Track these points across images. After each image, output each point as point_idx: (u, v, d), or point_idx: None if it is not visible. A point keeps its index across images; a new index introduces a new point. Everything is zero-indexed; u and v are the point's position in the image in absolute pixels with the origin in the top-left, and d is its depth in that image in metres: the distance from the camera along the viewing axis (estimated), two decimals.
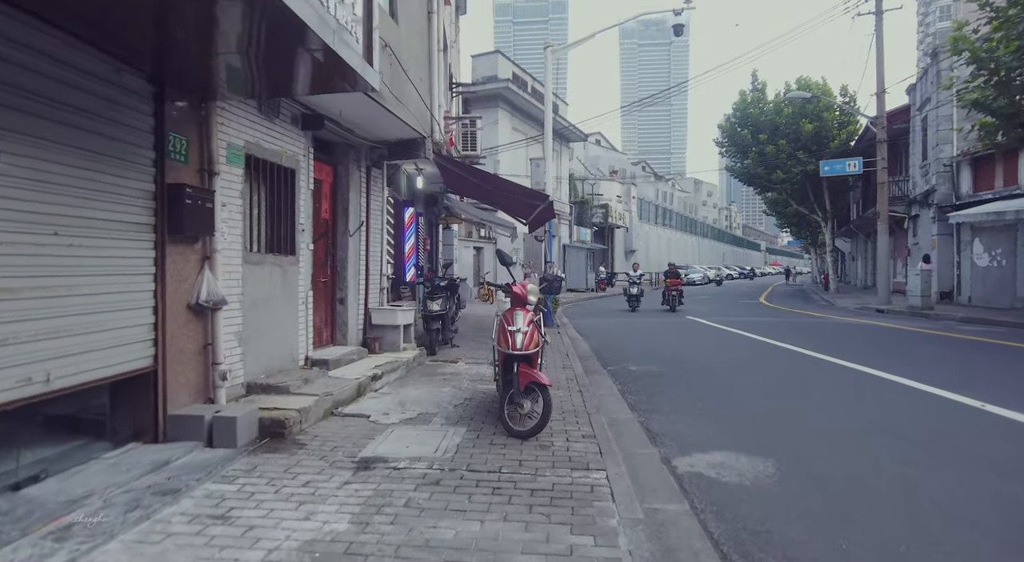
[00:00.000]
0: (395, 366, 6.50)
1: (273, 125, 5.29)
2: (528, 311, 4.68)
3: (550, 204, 8.66)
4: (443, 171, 9.00)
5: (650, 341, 11.12)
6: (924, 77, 21.45)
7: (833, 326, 13.84)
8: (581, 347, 10.09)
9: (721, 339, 11.28)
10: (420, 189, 11.25)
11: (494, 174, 8.85)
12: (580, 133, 32.11)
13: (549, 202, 8.54)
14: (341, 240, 6.90)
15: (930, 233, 20.49)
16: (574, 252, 31.59)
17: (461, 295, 15.32)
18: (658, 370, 7.85)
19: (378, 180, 7.66)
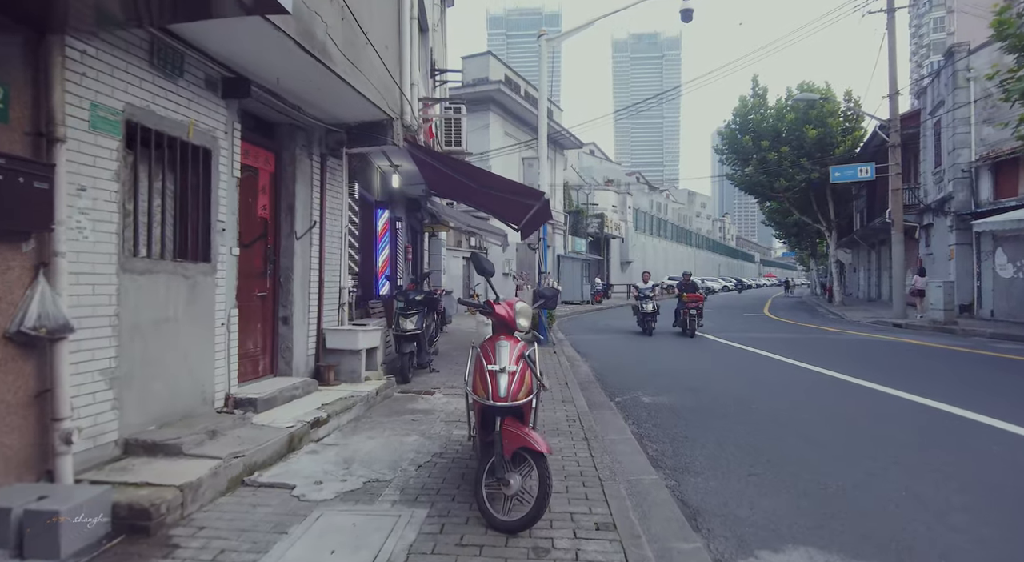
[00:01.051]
0: (350, 403, 5.10)
1: (175, 86, 3.93)
2: (517, 341, 3.33)
3: (546, 204, 7.36)
4: (420, 165, 7.66)
5: (658, 362, 9.77)
6: (936, 79, 20.43)
7: (859, 344, 12.54)
8: (581, 371, 8.73)
9: (740, 360, 9.94)
10: (397, 189, 9.91)
11: (481, 169, 7.49)
12: (575, 140, 30.97)
13: (545, 201, 7.24)
14: (285, 244, 5.52)
15: (946, 243, 19.33)
16: (569, 263, 30.29)
17: (446, 310, 13.96)
18: (677, 402, 6.49)
19: (337, 173, 6.30)
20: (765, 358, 10.00)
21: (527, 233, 10.29)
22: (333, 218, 6.22)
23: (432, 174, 8.48)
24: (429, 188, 10.21)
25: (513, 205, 8.19)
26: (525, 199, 7.38)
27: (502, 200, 8.32)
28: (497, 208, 9.22)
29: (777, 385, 7.50)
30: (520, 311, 3.39)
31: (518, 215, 8.78)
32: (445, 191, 9.76)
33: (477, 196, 9.00)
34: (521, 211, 8.29)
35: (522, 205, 7.79)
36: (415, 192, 11.79)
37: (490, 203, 9.07)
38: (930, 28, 72.62)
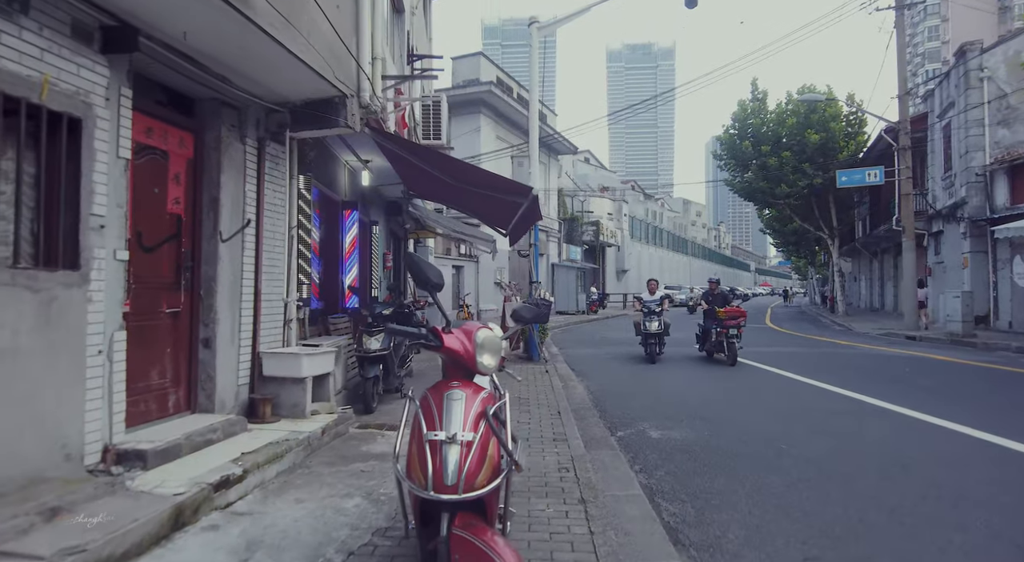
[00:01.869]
0: (282, 449, 4.00)
1: (16, 29, 2.86)
2: (478, 390, 2.25)
3: (535, 201, 6.31)
4: (392, 159, 6.61)
5: (661, 381, 8.69)
6: (946, 80, 19.59)
7: (879, 359, 11.50)
8: (576, 394, 7.64)
9: (752, 380, 8.87)
10: (371, 190, 8.84)
11: (459, 161, 6.42)
12: (569, 144, 30.05)
13: (533, 197, 6.19)
14: (208, 248, 4.43)
15: (959, 251, 18.39)
16: (563, 271, 29.27)
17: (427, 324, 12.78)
18: (691, 438, 5.41)
19: (281, 162, 5.22)
20: (781, 377, 8.93)
21: (516, 237, 9.24)
22: (275, 216, 5.13)
23: (407, 170, 7.43)
24: (408, 189, 9.16)
25: (498, 205, 7.14)
26: (511, 196, 6.33)
27: (486, 199, 7.26)
28: (481, 209, 8.17)
29: (804, 414, 6.43)
30: (483, 343, 2.31)
31: (505, 217, 7.73)
32: (424, 191, 8.72)
33: (458, 195, 7.94)
34: (508, 212, 7.24)
35: (508, 204, 6.74)
36: (394, 194, 10.73)
37: (472, 203, 8.03)
38: (924, 37, 72.54)
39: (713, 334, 10.62)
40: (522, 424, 5.62)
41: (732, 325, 10.30)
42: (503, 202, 6.86)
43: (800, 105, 26.39)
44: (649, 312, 10.74)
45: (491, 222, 9.50)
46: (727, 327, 10.27)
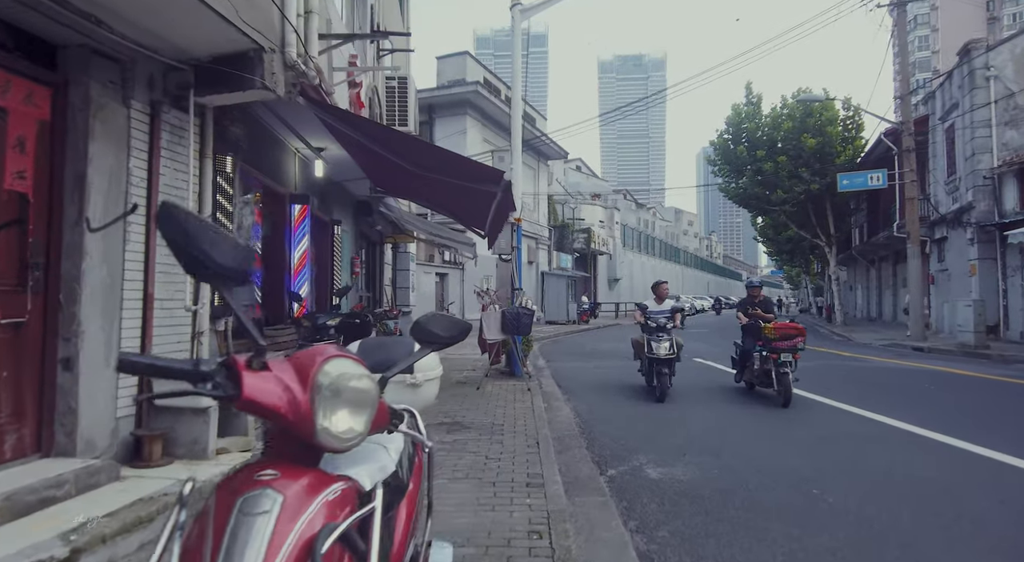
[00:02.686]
0: (154, 510, 2.94)
1: None
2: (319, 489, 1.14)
3: (508, 188, 5.29)
4: (340, 138, 5.60)
5: (656, 403, 7.67)
6: (948, 81, 18.89)
7: (894, 374, 10.55)
8: (561, 417, 6.60)
9: (760, 400, 7.88)
10: (325, 182, 7.82)
11: (418, 140, 5.38)
12: (559, 149, 29.21)
13: (507, 183, 5.17)
14: (70, 238, 3.39)
15: (965, 258, 17.58)
16: (553, 280, 28.29)
17: (403, 334, 11.75)
18: (700, 479, 4.38)
19: (185, 135, 4.18)
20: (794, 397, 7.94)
21: (494, 236, 8.24)
22: (176, 202, 4.09)
23: (367, 159, 6.43)
24: (373, 183, 8.15)
25: (471, 198, 6.14)
26: (482, 184, 5.34)
27: (457, 193, 6.27)
28: (454, 205, 7.18)
29: (829, 444, 5.43)
30: (331, 388, 1.22)
31: (480, 212, 6.74)
32: (391, 185, 7.72)
33: (427, 189, 6.94)
34: (482, 205, 6.25)
35: (481, 196, 5.75)
36: (361, 192, 9.72)
37: (444, 198, 7.04)
38: (915, 46, 72.73)
39: (757, 359, 7.75)
40: (490, 461, 4.57)
41: (785, 348, 7.14)
42: (475, 194, 5.86)
43: (796, 109, 25.70)
44: (657, 328, 7.61)
45: (467, 222, 8.51)
46: (778, 350, 7.16)
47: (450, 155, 5.16)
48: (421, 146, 5.20)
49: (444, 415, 6.31)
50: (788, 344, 7.23)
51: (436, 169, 5.57)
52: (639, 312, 8.19)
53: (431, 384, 2.21)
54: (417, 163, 5.64)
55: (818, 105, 25.39)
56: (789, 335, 7.34)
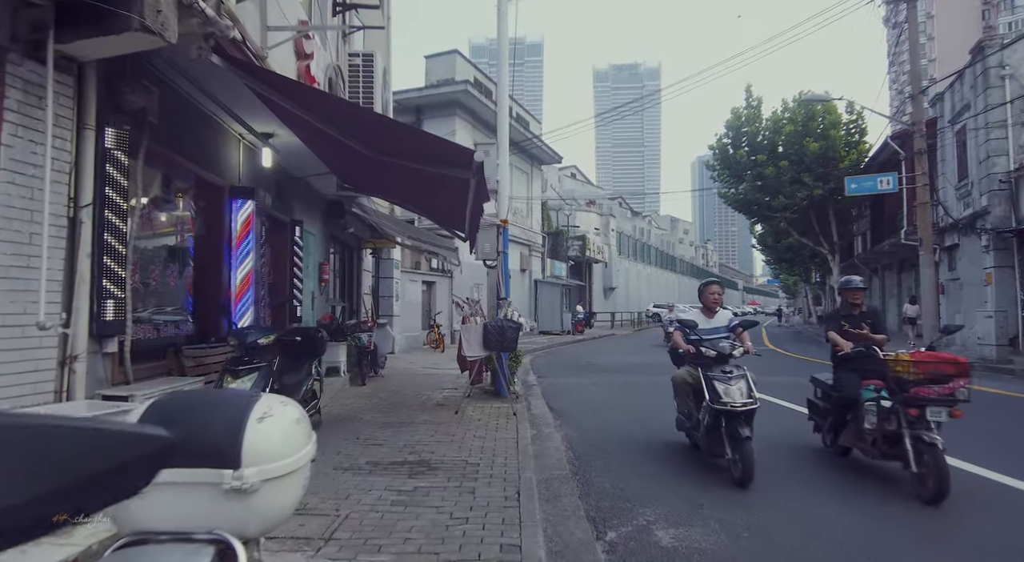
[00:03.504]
0: None
1: None
2: None
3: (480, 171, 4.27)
4: (271, 106, 4.59)
5: (666, 421, 6.64)
6: (959, 81, 18.08)
7: None
8: (550, 451, 5.58)
9: (788, 424, 6.88)
10: (281, 176, 6.81)
11: (368, 111, 4.35)
12: (553, 154, 28.32)
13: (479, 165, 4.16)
14: None
15: (979, 265, 16.67)
16: (547, 288, 27.30)
17: (378, 347, 10.65)
18: (729, 550, 3.36)
19: (42, 94, 3.15)
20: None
21: (474, 232, 7.23)
22: (26, 183, 3.07)
23: (321, 146, 5.43)
24: (337, 176, 7.14)
25: (444, 190, 5.14)
26: (453, 170, 4.35)
27: (426, 184, 5.26)
28: (426, 201, 6.19)
29: (893, 502, 4.42)
30: None
31: (456, 208, 5.74)
32: (355, 179, 6.72)
33: (394, 182, 5.95)
34: (457, 199, 5.25)
35: (454, 186, 4.75)
36: (330, 191, 8.71)
37: (413, 192, 6.05)
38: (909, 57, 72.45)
39: (870, 413, 4.55)
40: (455, 524, 3.54)
41: (936, 398, 4.16)
42: (447, 184, 4.87)
43: (797, 112, 24.95)
44: (718, 358, 4.80)
45: (446, 222, 7.52)
46: (922, 402, 4.19)
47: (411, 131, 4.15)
48: (377, 123, 4.21)
49: (409, 450, 5.28)
50: (940, 392, 4.12)
51: (399, 153, 4.58)
52: (680, 333, 5.23)
53: (278, 487, 1.16)
54: (376, 146, 4.65)
55: (821, 108, 24.67)
56: (942, 375, 4.15)
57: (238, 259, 5.58)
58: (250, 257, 5.65)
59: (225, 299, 5.45)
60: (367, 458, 4.99)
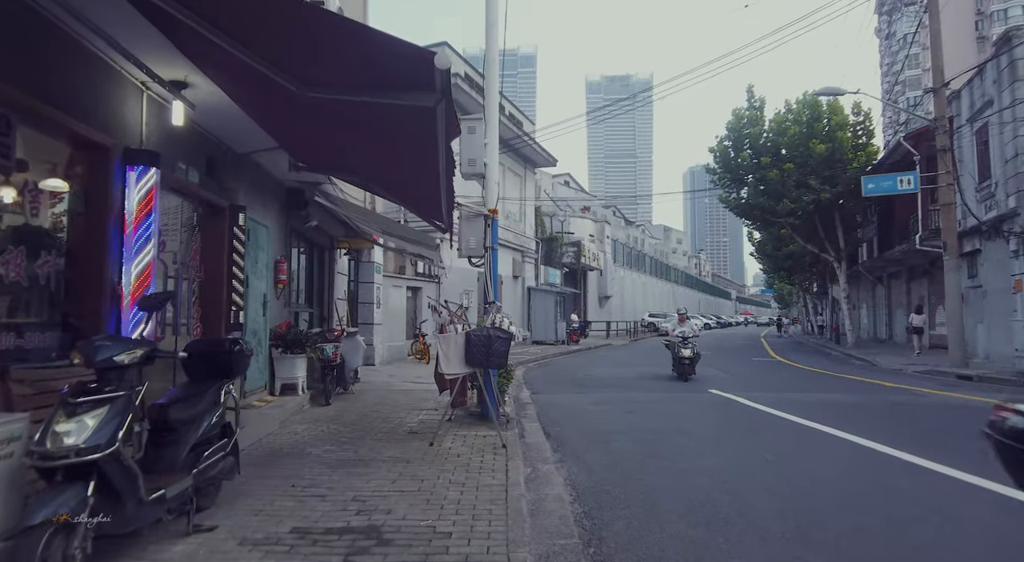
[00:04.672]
0: None
1: None
2: None
3: (446, 85, 2.85)
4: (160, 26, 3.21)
5: (690, 455, 5.25)
6: (979, 77, 16.98)
7: (974, 414, 8.24)
8: (550, 500, 4.17)
9: (825, 456, 5.51)
10: (193, 138, 5.38)
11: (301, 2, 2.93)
12: (547, 156, 27.07)
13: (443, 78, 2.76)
14: None
15: (1005, 272, 15.45)
16: (541, 296, 25.93)
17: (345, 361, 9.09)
18: None
19: None
20: (865, 450, 5.57)
21: (449, 218, 5.86)
22: None
23: (245, 92, 4.05)
24: (284, 147, 5.73)
25: (402, 143, 3.76)
26: (408, 97, 2.95)
27: (379, 135, 3.88)
28: (383, 165, 4.81)
29: None
30: None
31: (428, 182, 4.36)
32: (305, 147, 5.33)
33: (337, 136, 4.55)
34: (423, 158, 3.87)
35: (417, 135, 3.37)
36: (283, 175, 7.31)
37: (368, 160, 4.67)
38: (905, 64, 72.43)
39: None
40: None
41: None
42: (408, 131, 3.47)
43: (802, 113, 23.85)
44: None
45: (421, 207, 6.15)
46: None
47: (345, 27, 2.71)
48: (304, 27, 2.78)
49: (359, 507, 3.85)
50: None
51: (338, 82, 3.20)
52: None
53: None
54: (307, 75, 3.26)
55: (826, 109, 23.59)
56: None
57: (134, 247, 4.15)
58: (151, 245, 4.23)
59: (111, 301, 4.02)
60: (295, 522, 3.56)
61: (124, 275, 4.10)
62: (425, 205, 5.95)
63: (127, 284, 4.12)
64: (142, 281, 4.18)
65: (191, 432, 3.37)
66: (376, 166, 5.04)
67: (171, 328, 5.39)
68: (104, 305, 3.99)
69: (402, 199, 6.63)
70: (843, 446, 6.08)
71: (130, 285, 4.14)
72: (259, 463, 4.98)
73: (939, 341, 21.56)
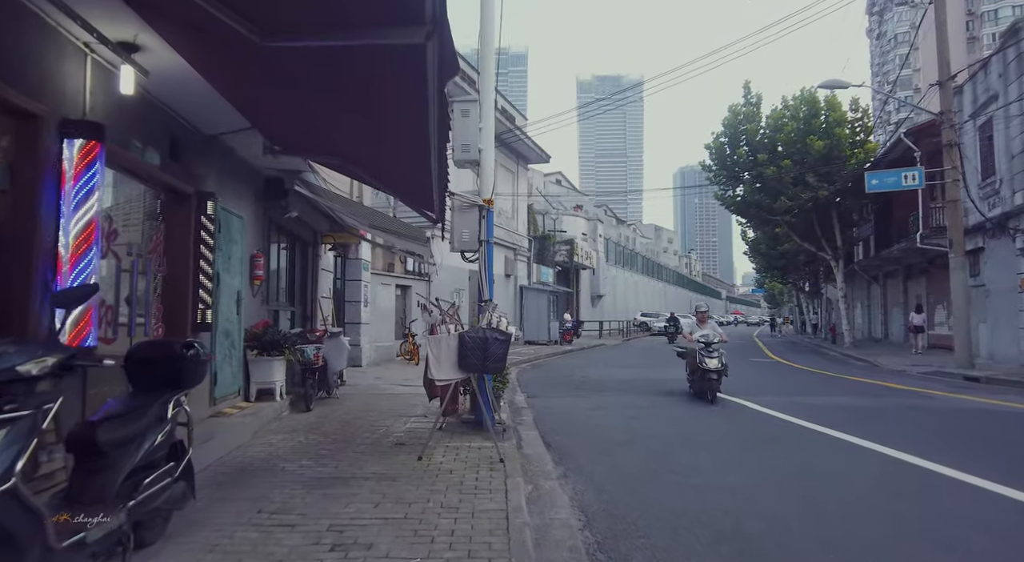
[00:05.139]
0: None
1: None
2: None
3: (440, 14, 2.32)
4: None
5: (705, 469, 4.70)
6: (983, 71, 16.63)
7: (995, 419, 7.77)
8: (558, 529, 3.62)
9: (851, 467, 5.00)
10: (134, 103, 4.75)
11: None
12: (540, 152, 26.51)
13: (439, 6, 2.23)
14: None
15: (1011, 270, 15.12)
16: (533, 295, 25.38)
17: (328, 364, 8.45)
18: None
19: None
20: (904, 465, 5.06)
21: (439, 209, 5.28)
22: None
23: (200, 52, 3.46)
24: (257, 126, 5.12)
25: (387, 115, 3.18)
26: (391, 33, 2.37)
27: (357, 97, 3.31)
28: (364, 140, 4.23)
29: None
30: None
31: (412, 158, 3.79)
32: (268, 118, 4.73)
33: (326, 121, 3.97)
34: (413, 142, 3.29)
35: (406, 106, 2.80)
36: (259, 160, 6.70)
37: (348, 137, 4.09)
38: (895, 64, 72.68)
39: None
40: None
41: None
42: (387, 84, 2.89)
43: (799, 109, 23.47)
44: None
45: (411, 193, 5.56)
46: None
47: None
48: None
49: (333, 540, 3.26)
50: None
51: (300, 19, 2.62)
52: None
53: None
54: (266, 21, 2.67)
55: (824, 105, 23.24)
56: None
57: (73, 201, 3.54)
58: (93, 227, 3.61)
59: (40, 295, 3.40)
60: (257, 560, 2.97)
61: (56, 263, 3.49)
62: (415, 190, 5.36)
63: (65, 246, 3.52)
64: (82, 242, 3.57)
65: (127, 456, 2.77)
66: (357, 142, 4.45)
67: (126, 328, 4.77)
68: (32, 302, 3.37)
69: (389, 185, 6.03)
70: (872, 458, 5.56)
71: (68, 248, 3.53)
72: (224, 482, 4.37)
73: (938, 341, 21.25)
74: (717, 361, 8.79)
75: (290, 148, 5.48)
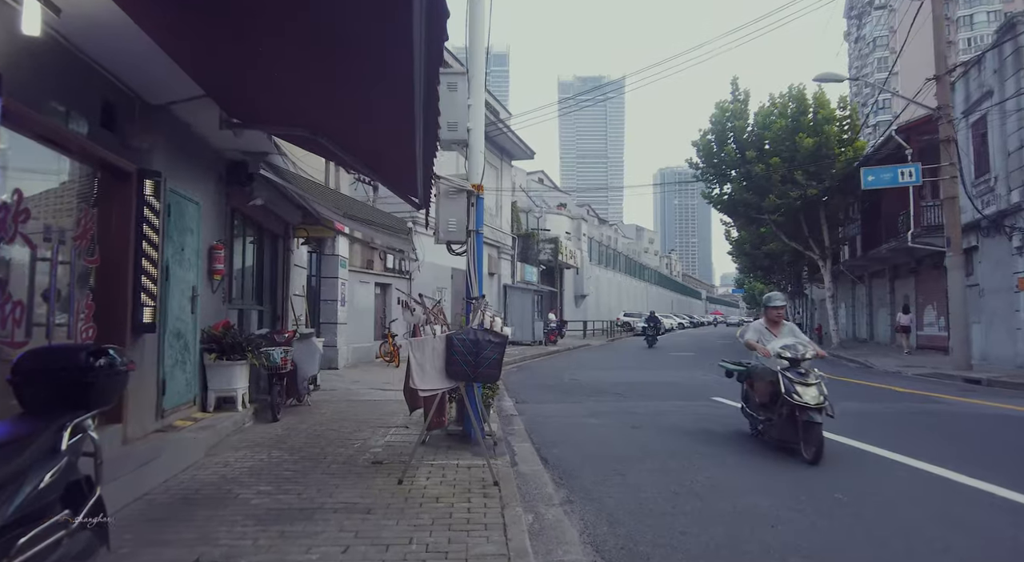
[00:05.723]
0: None
1: None
2: None
3: None
4: None
5: (729, 490, 4.02)
6: (977, 68, 16.37)
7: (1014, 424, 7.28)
8: None
9: (894, 489, 4.38)
10: (49, 54, 3.94)
11: None
12: (525, 148, 25.84)
13: None
14: None
15: (1007, 269, 14.84)
16: (517, 294, 24.70)
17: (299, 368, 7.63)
18: None
19: None
20: (948, 484, 4.46)
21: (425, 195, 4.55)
22: None
23: None
24: (214, 96, 4.33)
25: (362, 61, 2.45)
26: None
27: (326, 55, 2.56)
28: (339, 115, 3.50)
29: None
30: None
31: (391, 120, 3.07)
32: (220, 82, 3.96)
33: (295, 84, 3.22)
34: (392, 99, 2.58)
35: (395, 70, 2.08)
36: (220, 140, 5.89)
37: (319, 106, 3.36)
38: (874, 68, 73.56)
39: None
40: None
41: None
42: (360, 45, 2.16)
43: (786, 106, 23.16)
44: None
45: (391, 173, 4.83)
46: None
47: None
48: None
49: None
50: None
51: None
52: None
53: None
54: None
55: (812, 102, 22.95)
56: None
57: None
58: None
59: None
60: None
61: None
62: (396, 170, 4.63)
63: None
64: None
65: None
66: (327, 108, 3.69)
67: (43, 329, 3.94)
68: None
69: (367, 164, 5.26)
70: (913, 476, 4.95)
71: None
72: (160, 518, 3.58)
73: (927, 342, 21.06)
74: (817, 391, 5.25)
75: (250, 120, 4.69)
